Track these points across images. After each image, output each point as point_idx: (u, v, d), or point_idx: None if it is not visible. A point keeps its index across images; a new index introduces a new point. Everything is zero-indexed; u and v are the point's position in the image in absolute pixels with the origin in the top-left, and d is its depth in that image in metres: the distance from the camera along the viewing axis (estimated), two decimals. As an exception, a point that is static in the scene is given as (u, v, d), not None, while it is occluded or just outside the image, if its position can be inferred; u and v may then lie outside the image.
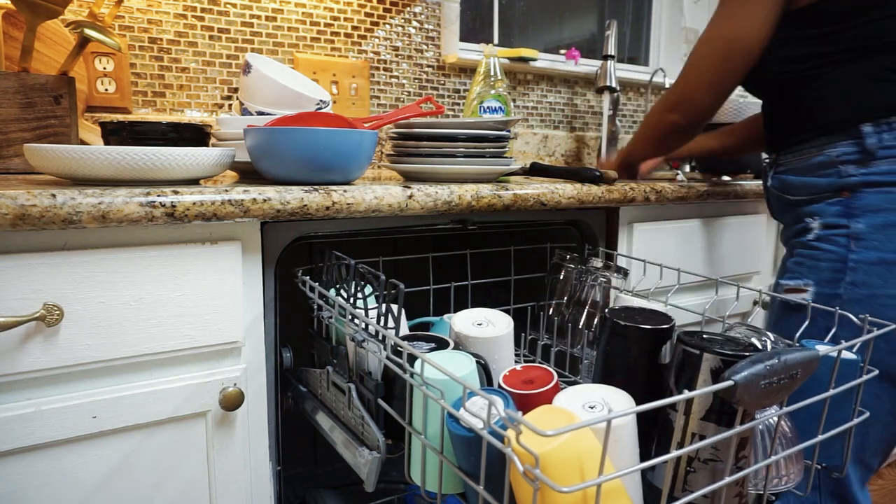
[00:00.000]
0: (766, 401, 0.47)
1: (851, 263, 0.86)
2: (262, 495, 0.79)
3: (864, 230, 0.86)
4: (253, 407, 0.77)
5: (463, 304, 1.11)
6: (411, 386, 0.58)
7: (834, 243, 0.88)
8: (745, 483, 0.57)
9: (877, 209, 0.85)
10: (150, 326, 0.67)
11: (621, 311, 0.70)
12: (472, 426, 0.46)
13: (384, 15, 1.47)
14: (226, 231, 0.71)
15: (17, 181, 0.73)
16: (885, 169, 0.85)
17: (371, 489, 0.66)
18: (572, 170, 0.99)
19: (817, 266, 0.90)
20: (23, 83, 0.82)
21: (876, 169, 0.86)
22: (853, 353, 0.65)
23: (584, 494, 0.45)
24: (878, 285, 0.84)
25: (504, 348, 0.75)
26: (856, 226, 0.86)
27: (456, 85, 1.61)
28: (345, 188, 0.74)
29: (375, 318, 0.67)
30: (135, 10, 1.19)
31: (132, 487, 0.69)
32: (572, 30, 1.97)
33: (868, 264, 0.85)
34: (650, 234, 1.08)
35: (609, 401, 0.57)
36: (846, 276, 0.86)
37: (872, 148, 0.86)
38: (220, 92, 1.29)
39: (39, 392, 0.64)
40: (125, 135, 0.74)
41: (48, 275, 0.61)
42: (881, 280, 0.84)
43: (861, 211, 0.86)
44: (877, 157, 0.86)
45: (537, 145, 1.77)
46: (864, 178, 0.86)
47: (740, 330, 0.73)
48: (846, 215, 0.87)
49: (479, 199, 0.83)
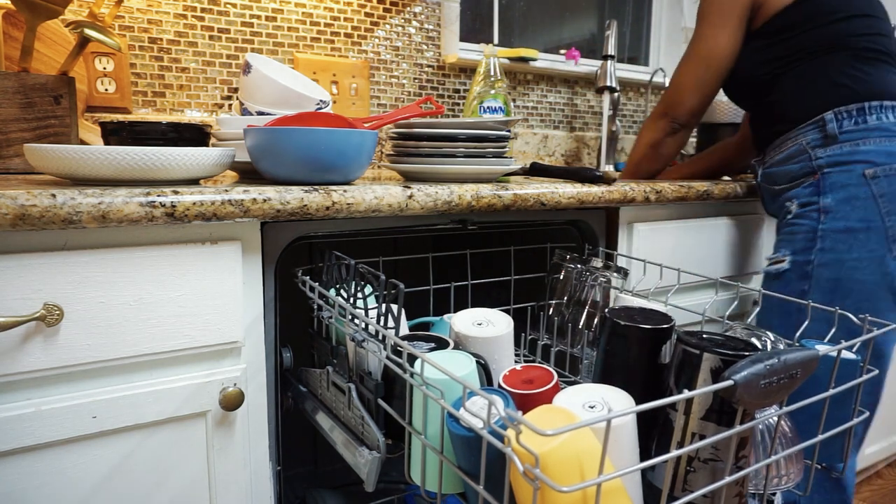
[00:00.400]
0: (765, 400, 0.47)
1: (821, 232, 0.98)
2: (262, 495, 0.79)
3: (831, 204, 0.98)
4: (253, 407, 0.77)
5: (463, 304, 1.11)
6: (411, 386, 0.58)
7: (807, 218, 1.00)
8: (745, 483, 0.57)
9: (842, 185, 0.98)
10: (150, 326, 0.67)
11: (621, 311, 0.70)
12: (472, 426, 0.46)
13: (384, 15, 1.47)
14: (226, 231, 0.71)
15: (17, 181, 0.73)
16: (847, 150, 0.98)
17: (371, 489, 0.66)
18: (572, 170, 0.99)
19: (793, 239, 1.02)
20: (23, 83, 0.82)
21: (838, 150, 0.99)
22: (853, 352, 0.65)
23: (584, 494, 0.45)
24: (844, 250, 0.96)
25: (504, 348, 0.75)
26: (824, 201, 0.99)
27: (456, 85, 1.61)
28: (345, 188, 0.74)
29: (375, 318, 0.67)
30: (135, 10, 1.19)
31: (132, 487, 0.69)
32: (572, 30, 1.97)
33: (835, 232, 0.97)
34: (650, 234, 1.08)
35: (609, 400, 0.57)
36: (816, 243, 0.98)
37: (833, 132, 0.99)
38: (220, 92, 1.29)
39: (39, 392, 0.64)
40: (125, 135, 0.74)
41: (48, 275, 0.61)
42: (846, 245, 0.96)
43: (829, 189, 0.99)
44: (838, 140, 0.99)
45: (537, 145, 1.77)
46: (828, 160, 0.99)
47: (740, 330, 0.73)
48: (816, 193, 1.00)
49: (479, 199, 0.83)
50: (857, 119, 0.98)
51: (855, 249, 0.96)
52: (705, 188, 1.10)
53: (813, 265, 0.98)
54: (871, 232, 0.95)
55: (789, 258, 1.01)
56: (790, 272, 1.01)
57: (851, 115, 0.99)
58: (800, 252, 1.00)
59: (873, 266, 0.95)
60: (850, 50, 1.01)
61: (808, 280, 0.98)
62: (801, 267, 0.99)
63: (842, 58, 1.01)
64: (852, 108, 0.99)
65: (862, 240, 0.96)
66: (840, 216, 0.97)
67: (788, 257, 1.01)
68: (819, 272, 0.97)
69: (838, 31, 1.01)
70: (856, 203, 0.96)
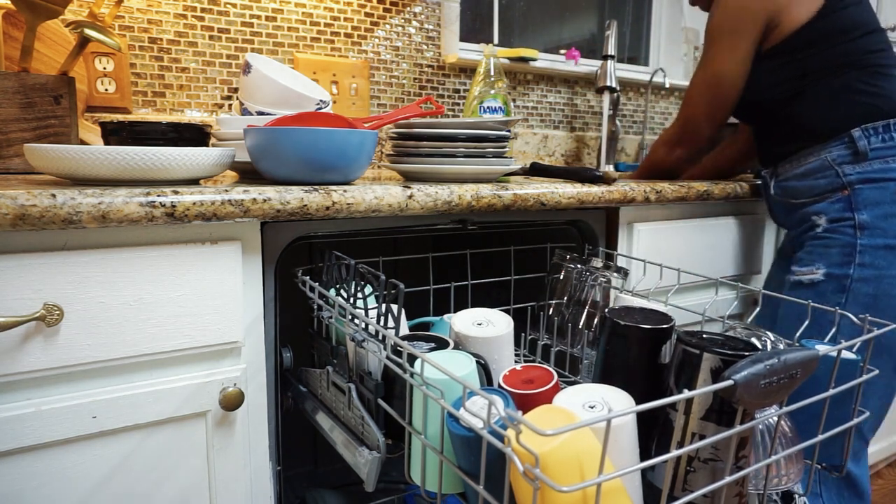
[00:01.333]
0: (765, 400, 0.47)
1: (860, 248, 0.98)
2: (262, 495, 0.79)
3: (868, 220, 0.98)
4: (253, 407, 0.77)
5: (463, 304, 1.11)
6: (411, 386, 0.58)
7: (842, 233, 1.00)
8: (745, 483, 0.57)
9: (876, 202, 0.98)
10: (150, 326, 0.67)
11: (621, 311, 0.70)
12: (472, 426, 0.46)
13: (384, 15, 1.47)
14: (226, 231, 0.71)
15: (17, 181, 0.73)
16: (878, 167, 0.99)
17: (371, 489, 0.66)
18: (572, 170, 0.99)
19: (828, 252, 1.02)
20: (23, 83, 0.82)
21: (870, 167, 0.99)
22: (853, 352, 0.65)
23: (584, 494, 0.45)
24: (885, 266, 0.97)
25: (504, 348, 0.75)
26: (860, 217, 0.99)
27: (456, 85, 1.61)
28: (345, 188, 0.74)
29: (375, 318, 0.67)
30: (135, 10, 1.19)
31: (132, 487, 0.69)
32: (572, 30, 1.97)
33: (875, 248, 0.98)
34: (650, 234, 1.08)
35: (609, 400, 0.57)
36: (856, 258, 0.98)
37: (864, 149, 0.99)
38: (220, 92, 1.29)
39: (39, 392, 0.64)
40: (125, 135, 0.74)
41: (48, 275, 0.61)
42: (887, 262, 0.97)
43: (863, 205, 0.99)
44: (869, 157, 0.99)
45: (537, 145, 1.77)
46: (859, 176, 1.00)
47: (740, 330, 0.73)
48: (849, 209, 1.00)
49: (479, 199, 0.83)
50: (884, 136, 0.99)
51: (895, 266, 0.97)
52: (705, 188, 1.10)
53: (851, 279, 0.99)
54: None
55: (823, 270, 1.01)
56: (825, 284, 1.01)
57: (878, 132, 0.99)
58: (836, 265, 1.00)
59: None
60: (869, 67, 1.02)
61: (844, 293, 0.99)
62: (839, 280, 1.00)
63: (861, 74, 1.02)
64: (878, 125, 1.00)
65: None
66: (878, 233, 0.98)
67: (822, 269, 1.01)
68: (858, 287, 0.98)
69: (856, 48, 1.02)
70: (893, 220, 0.97)
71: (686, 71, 2.05)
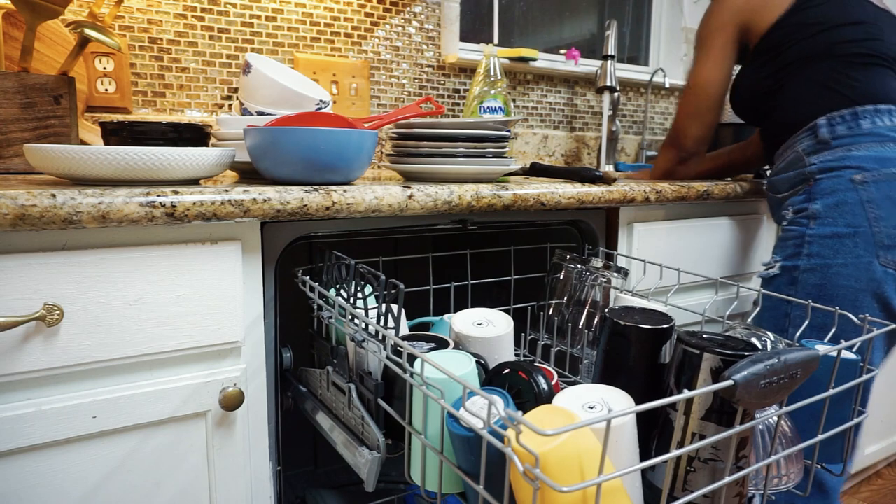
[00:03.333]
0: (765, 400, 0.47)
1: (808, 238, 0.99)
2: (262, 495, 0.79)
3: (820, 209, 0.99)
4: (253, 407, 0.77)
5: (463, 304, 1.11)
6: (411, 386, 0.58)
7: (798, 224, 1.02)
8: (745, 483, 0.57)
9: (831, 191, 0.98)
10: (150, 326, 0.67)
11: (621, 311, 0.70)
12: (472, 426, 0.46)
13: (384, 15, 1.47)
14: (226, 231, 0.71)
15: (17, 181, 0.73)
16: (839, 156, 0.99)
17: (371, 489, 0.66)
18: (572, 170, 0.99)
19: (785, 244, 1.03)
20: (23, 83, 0.82)
21: (830, 156, 1.00)
22: (853, 352, 0.65)
23: (584, 494, 0.45)
24: (830, 255, 0.97)
25: (504, 348, 0.75)
26: (813, 206, 0.99)
27: (456, 85, 1.61)
28: (345, 188, 0.74)
29: (375, 318, 0.67)
30: (135, 10, 1.19)
31: (132, 487, 0.69)
32: (572, 30, 1.97)
33: (822, 238, 0.98)
34: (650, 234, 1.08)
35: (609, 401, 0.57)
36: (804, 248, 0.99)
37: (825, 138, 1.00)
38: (220, 92, 1.29)
39: (39, 392, 0.64)
40: (125, 135, 0.74)
41: (48, 275, 0.61)
42: (832, 251, 0.97)
43: (819, 194, 1.00)
44: (831, 146, 1.00)
45: (537, 145, 1.77)
46: (820, 165, 1.00)
47: (740, 330, 0.73)
48: (808, 200, 1.01)
49: (479, 199, 0.83)
50: (850, 124, 0.99)
51: (841, 255, 0.96)
52: (705, 188, 1.10)
53: (799, 271, 0.99)
54: (857, 237, 0.95)
55: (780, 263, 1.02)
56: (780, 277, 1.02)
57: (845, 120, 0.99)
58: (789, 258, 1.01)
59: (859, 271, 0.95)
60: (840, 57, 1.02)
61: (794, 286, 0.99)
62: (790, 272, 1.00)
63: (832, 65, 1.02)
64: (845, 112, 1.00)
65: (849, 245, 0.96)
66: (828, 222, 0.97)
67: (779, 262, 1.02)
68: (805, 277, 0.98)
69: (826, 39, 1.03)
70: (843, 208, 0.97)
71: (686, 71, 2.05)
